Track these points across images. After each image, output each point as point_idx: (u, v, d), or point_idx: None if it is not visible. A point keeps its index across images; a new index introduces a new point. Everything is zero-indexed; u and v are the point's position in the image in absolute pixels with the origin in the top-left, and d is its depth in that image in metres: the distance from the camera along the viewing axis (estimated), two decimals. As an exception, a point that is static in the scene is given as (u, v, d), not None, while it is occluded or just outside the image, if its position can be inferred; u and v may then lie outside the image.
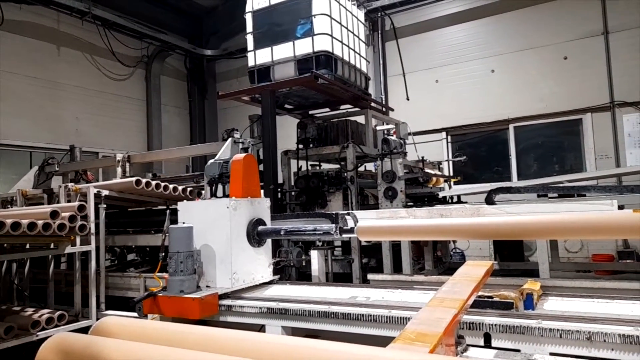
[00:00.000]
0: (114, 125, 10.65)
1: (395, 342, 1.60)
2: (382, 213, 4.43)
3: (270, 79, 5.84)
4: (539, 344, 2.24)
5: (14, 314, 4.30)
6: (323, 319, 2.81)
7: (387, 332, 2.59)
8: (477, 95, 9.38)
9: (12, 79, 8.73)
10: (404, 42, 10.12)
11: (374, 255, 5.43)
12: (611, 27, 8.30)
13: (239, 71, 11.69)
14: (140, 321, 2.38)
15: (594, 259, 7.04)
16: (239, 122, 8.65)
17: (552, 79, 8.76)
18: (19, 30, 8.93)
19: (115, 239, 5.43)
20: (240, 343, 1.79)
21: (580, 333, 2.15)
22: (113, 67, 10.72)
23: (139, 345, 1.81)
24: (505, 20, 9.24)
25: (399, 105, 9.36)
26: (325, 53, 5.61)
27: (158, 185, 5.08)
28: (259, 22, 6.03)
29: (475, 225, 2.94)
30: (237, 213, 3.25)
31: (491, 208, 3.93)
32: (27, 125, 8.91)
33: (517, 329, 2.30)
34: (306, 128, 6.21)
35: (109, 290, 5.03)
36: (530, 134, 9.16)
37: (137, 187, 4.90)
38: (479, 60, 9.43)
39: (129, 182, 4.97)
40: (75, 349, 1.87)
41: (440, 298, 2.06)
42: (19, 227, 3.71)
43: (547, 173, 8.75)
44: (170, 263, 3.05)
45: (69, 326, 4.30)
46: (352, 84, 6.20)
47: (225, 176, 3.54)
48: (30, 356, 3.94)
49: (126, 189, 5.09)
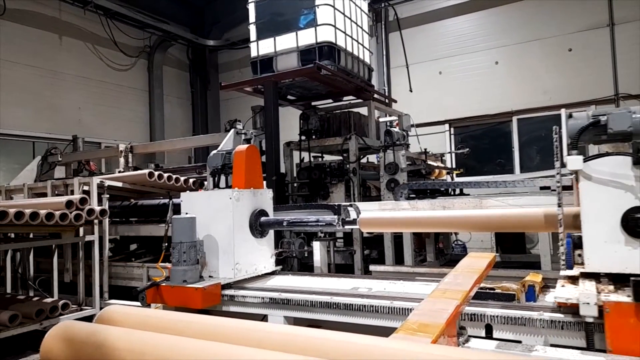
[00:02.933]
0: (116, 115, 10.64)
1: (398, 333, 1.61)
2: (384, 205, 4.42)
3: (272, 69, 5.81)
4: (541, 335, 2.25)
5: (18, 302, 4.34)
6: (325, 310, 2.83)
7: (389, 322, 2.60)
8: (481, 87, 9.32)
9: (14, 68, 8.71)
10: (408, 33, 10.04)
11: (375, 247, 5.44)
12: (617, 18, 8.21)
13: (241, 62, 11.63)
14: (143, 310, 2.40)
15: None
16: (241, 113, 8.64)
17: (556, 71, 8.70)
18: (20, 19, 8.89)
19: (119, 229, 5.45)
20: (243, 332, 1.80)
21: (581, 324, 2.15)
22: (115, 57, 10.68)
23: (143, 333, 1.82)
24: (510, 12, 9.15)
25: (402, 96, 9.30)
26: (328, 44, 5.57)
27: (161, 176, 5.09)
28: (261, 12, 5.98)
29: (477, 217, 2.95)
30: (239, 204, 3.25)
31: (494, 200, 3.92)
32: (28, 115, 8.91)
33: (519, 321, 2.31)
34: (309, 119, 6.19)
35: (112, 280, 5.07)
36: (534, 126, 9.11)
37: (149, 180, 4.91)
38: (482, 51, 9.36)
39: (142, 175, 4.98)
40: (80, 336, 1.89)
41: (442, 289, 2.07)
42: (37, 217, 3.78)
43: (550, 166, 8.70)
44: (173, 253, 3.06)
45: (72, 315, 4.34)
46: (355, 75, 6.17)
47: (227, 167, 3.54)
48: (34, 344, 3.98)
49: (138, 182, 5.10)
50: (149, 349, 1.70)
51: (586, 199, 2.27)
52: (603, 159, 2.25)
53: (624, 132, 2.22)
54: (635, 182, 2.15)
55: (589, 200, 2.26)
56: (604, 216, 2.21)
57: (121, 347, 1.75)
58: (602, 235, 2.21)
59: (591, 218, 2.25)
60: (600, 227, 2.22)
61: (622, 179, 2.17)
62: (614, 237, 2.17)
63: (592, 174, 2.25)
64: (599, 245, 2.22)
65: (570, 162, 2.26)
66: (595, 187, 2.24)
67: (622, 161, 2.21)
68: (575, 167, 2.25)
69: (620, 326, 1.94)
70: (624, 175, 2.17)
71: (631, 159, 2.17)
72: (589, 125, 2.29)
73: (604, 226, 2.21)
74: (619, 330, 1.94)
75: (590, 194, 2.26)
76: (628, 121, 2.21)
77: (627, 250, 2.14)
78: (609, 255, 2.19)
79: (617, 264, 2.17)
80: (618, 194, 2.18)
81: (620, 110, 2.29)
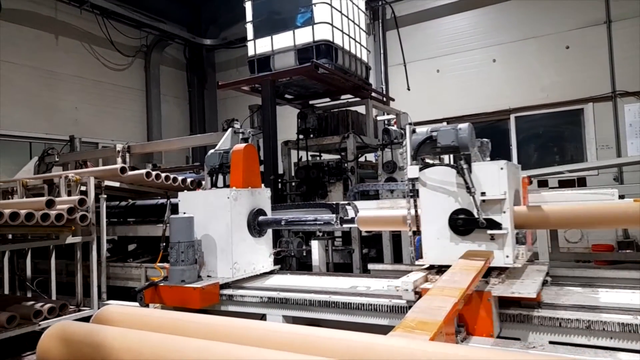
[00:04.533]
0: (113, 115, 10.61)
1: (396, 330, 1.61)
2: (382, 203, 4.42)
3: (270, 68, 5.80)
4: (539, 332, 2.25)
5: (16, 303, 4.32)
6: (324, 308, 2.83)
7: (387, 321, 2.60)
8: (478, 85, 9.33)
9: (10, 68, 8.67)
10: (405, 31, 10.03)
11: (374, 246, 5.44)
12: (614, 16, 8.21)
13: (239, 61, 11.61)
14: (141, 310, 2.40)
15: (593, 249, 7.04)
16: (238, 112, 8.62)
17: (553, 68, 8.70)
18: (16, 19, 8.85)
19: (116, 229, 5.44)
20: (241, 331, 1.79)
21: (579, 322, 2.16)
22: (112, 57, 10.65)
23: (140, 333, 1.81)
24: (507, 9, 9.15)
25: (399, 95, 9.29)
26: (326, 42, 5.56)
27: (158, 176, 5.08)
28: (258, 10, 5.97)
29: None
30: (237, 203, 3.24)
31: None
32: (25, 115, 8.87)
33: (517, 318, 2.31)
34: (306, 118, 6.18)
35: (110, 281, 5.05)
36: (532, 124, 9.12)
37: (147, 179, 4.90)
38: (480, 49, 9.36)
39: (139, 175, 4.96)
40: (77, 337, 1.88)
41: (440, 287, 2.07)
42: (17, 218, 3.72)
43: (548, 163, 8.73)
44: (171, 253, 3.05)
45: (70, 315, 4.33)
46: (353, 74, 6.16)
47: (225, 166, 3.53)
48: (32, 345, 3.96)
49: (135, 181, 5.08)
50: (147, 348, 1.69)
51: (423, 202, 2.67)
52: (433, 169, 2.65)
53: (450, 146, 2.61)
54: (457, 189, 2.55)
55: (425, 204, 2.66)
56: (436, 217, 2.61)
57: (118, 347, 1.74)
58: (434, 233, 2.60)
59: (427, 218, 2.66)
60: (434, 226, 2.61)
61: (448, 185, 2.57)
62: (444, 234, 2.57)
63: (427, 181, 2.65)
64: (433, 242, 2.63)
65: (410, 171, 2.65)
66: (429, 193, 2.64)
67: (448, 170, 2.59)
68: (413, 176, 2.64)
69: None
70: (449, 183, 2.57)
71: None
72: (424, 140, 2.69)
73: (436, 225, 2.60)
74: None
75: (426, 198, 2.66)
76: (453, 137, 2.60)
77: (452, 246, 2.55)
78: (440, 250, 2.60)
79: (446, 257, 2.55)
80: (446, 198, 2.58)
81: (447, 127, 2.68)
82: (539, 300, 2.36)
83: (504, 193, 2.49)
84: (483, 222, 2.45)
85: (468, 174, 2.50)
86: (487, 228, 2.47)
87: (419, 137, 2.71)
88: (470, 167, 2.53)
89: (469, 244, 2.53)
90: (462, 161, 2.54)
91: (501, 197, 2.49)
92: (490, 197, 2.50)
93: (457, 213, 2.50)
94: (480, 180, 2.53)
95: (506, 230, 2.47)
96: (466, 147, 2.57)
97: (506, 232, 2.47)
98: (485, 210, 2.50)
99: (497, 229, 2.47)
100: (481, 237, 2.51)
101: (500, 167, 2.50)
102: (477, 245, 2.50)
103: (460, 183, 2.54)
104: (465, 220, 2.48)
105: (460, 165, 2.53)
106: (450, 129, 2.63)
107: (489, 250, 2.49)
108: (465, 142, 2.57)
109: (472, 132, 2.64)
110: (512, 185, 2.63)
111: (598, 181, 7.76)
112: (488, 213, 2.50)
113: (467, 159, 2.54)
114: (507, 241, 2.48)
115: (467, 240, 2.54)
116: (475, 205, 2.48)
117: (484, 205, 2.51)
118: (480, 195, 2.50)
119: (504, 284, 2.45)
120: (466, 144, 2.57)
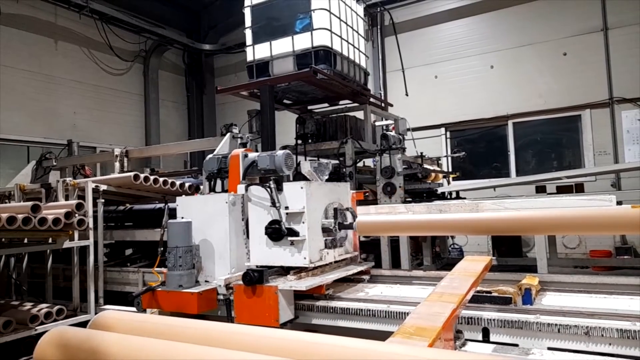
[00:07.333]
0: (111, 120, 10.61)
1: (394, 336, 1.60)
2: (380, 208, 4.42)
3: (269, 73, 5.81)
4: (537, 338, 2.25)
5: (12, 308, 4.29)
6: (321, 314, 2.82)
7: (386, 326, 2.59)
8: (476, 91, 9.37)
9: (9, 72, 8.68)
10: (403, 38, 10.09)
11: (372, 251, 5.43)
12: (611, 23, 8.28)
13: (237, 66, 11.65)
14: (138, 315, 2.38)
15: (591, 255, 7.06)
16: (237, 117, 8.64)
17: (551, 75, 8.76)
18: (15, 24, 8.87)
19: (114, 234, 5.41)
20: (239, 337, 1.78)
21: (578, 328, 2.16)
22: (111, 62, 10.67)
23: (137, 339, 1.80)
24: (505, 16, 9.22)
25: (398, 100, 9.32)
26: (324, 48, 5.58)
27: (156, 180, 5.06)
28: (257, 16, 5.99)
29: (473, 221, 2.95)
30: (235, 208, 3.24)
31: (490, 203, 3.93)
32: (23, 119, 8.86)
33: (516, 324, 2.31)
34: (305, 123, 6.19)
35: (108, 285, 5.02)
36: (529, 130, 9.16)
37: (135, 182, 4.88)
38: (478, 56, 9.41)
39: (127, 177, 4.94)
40: (74, 342, 1.86)
41: (439, 293, 2.06)
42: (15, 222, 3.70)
43: (546, 169, 8.76)
44: (169, 258, 3.04)
45: (67, 320, 4.30)
46: (351, 79, 6.18)
47: (224, 171, 3.52)
48: (28, 350, 3.95)
49: (124, 184, 5.07)
50: (144, 354, 1.68)
51: (250, 214, 3.20)
52: (253, 187, 3.19)
53: (268, 169, 3.26)
54: (271, 204, 3.06)
55: (251, 215, 3.19)
56: (258, 226, 3.12)
57: (116, 352, 1.73)
58: (257, 239, 3.13)
59: (253, 227, 3.18)
60: (256, 234, 3.14)
61: (265, 201, 3.09)
62: (263, 241, 3.09)
63: (251, 197, 3.18)
64: (256, 247, 3.14)
65: (239, 189, 3.26)
66: (253, 206, 3.17)
67: (264, 188, 3.12)
68: (242, 192, 3.22)
69: (239, 301, 2.87)
70: (266, 199, 3.08)
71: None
72: (250, 164, 3.33)
73: (258, 233, 3.12)
74: (238, 304, 2.88)
75: (252, 211, 3.18)
76: (269, 161, 3.24)
77: (267, 250, 3.08)
78: (261, 254, 3.12)
79: (264, 259, 3.10)
80: (263, 211, 3.11)
81: (264, 154, 3.32)
82: (324, 293, 2.93)
83: (302, 207, 2.99)
84: (284, 231, 2.98)
85: (275, 192, 3.03)
86: (288, 235, 2.99)
87: (247, 161, 3.35)
88: (281, 186, 3.07)
89: (278, 248, 3.05)
90: (271, 181, 3.06)
91: (301, 211, 2.99)
92: (292, 210, 3.02)
93: (272, 224, 3.02)
94: (287, 197, 3.05)
95: (304, 236, 2.96)
96: (281, 170, 3.19)
97: (304, 238, 2.96)
98: (290, 221, 3.03)
99: (295, 236, 2.98)
100: (286, 243, 3.02)
101: (301, 186, 3.02)
102: (284, 250, 3.03)
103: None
104: (274, 229, 3.01)
105: (268, 185, 3.06)
106: (267, 155, 3.27)
107: (291, 252, 3.01)
108: (280, 165, 3.20)
109: (287, 158, 3.23)
110: (324, 201, 3.19)
111: (596, 187, 7.79)
112: (291, 223, 3.02)
113: (278, 180, 3.09)
114: (304, 246, 2.97)
115: (277, 245, 3.04)
116: (279, 217, 3.02)
117: (290, 217, 3.03)
118: (284, 209, 3.04)
119: (300, 280, 2.90)
120: (281, 167, 3.19)
